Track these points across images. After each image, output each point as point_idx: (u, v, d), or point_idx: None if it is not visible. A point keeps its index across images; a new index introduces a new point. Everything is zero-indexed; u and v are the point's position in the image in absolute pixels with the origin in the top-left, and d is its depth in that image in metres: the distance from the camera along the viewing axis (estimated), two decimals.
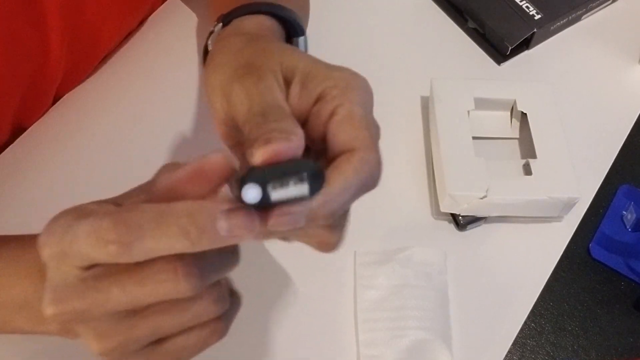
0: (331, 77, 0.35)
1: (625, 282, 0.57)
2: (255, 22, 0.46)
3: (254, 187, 0.28)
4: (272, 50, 0.39)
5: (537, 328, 0.54)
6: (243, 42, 0.41)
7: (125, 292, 0.29)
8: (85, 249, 0.29)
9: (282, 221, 0.29)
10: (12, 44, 0.50)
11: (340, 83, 0.35)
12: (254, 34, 0.44)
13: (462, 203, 0.55)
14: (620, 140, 0.64)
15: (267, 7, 0.46)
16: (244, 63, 0.38)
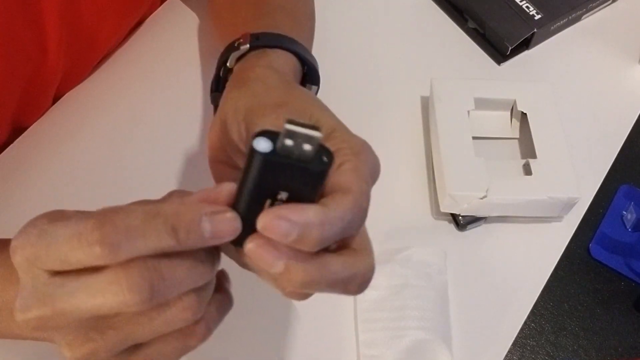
0: (349, 140, 0.36)
1: (625, 282, 0.57)
2: (286, 61, 0.47)
3: (264, 139, 0.28)
4: (306, 99, 0.40)
5: (537, 328, 0.54)
6: (277, 80, 0.43)
7: (78, 303, 0.29)
8: (65, 251, 0.28)
9: (274, 225, 0.29)
10: (10, 45, 0.50)
11: (355, 147, 0.35)
12: (285, 73, 0.45)
13: (462, 203, 0.55)
14: (620, 140, 0.64)
15: (297, 48, 0.48)
16: (279, 102, 0.39)
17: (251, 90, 0.41)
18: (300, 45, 0.49)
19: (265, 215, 0.29)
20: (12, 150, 0.59)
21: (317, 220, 0.30)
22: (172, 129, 0.61)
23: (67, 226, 0.29)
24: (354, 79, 0.66)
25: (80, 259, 0.28)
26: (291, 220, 0.29)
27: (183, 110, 0.62)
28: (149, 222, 0.28)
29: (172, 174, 0.58)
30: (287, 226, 0.29)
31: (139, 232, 0.28)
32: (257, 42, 0.47)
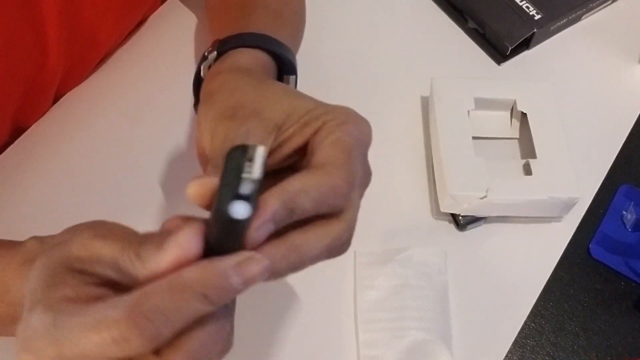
0: (331, 112, 0.36)
1: (625, 282, 0.57)
2: (251, 58, 0.47)
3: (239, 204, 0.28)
4: (270, 93, 0.40)
5: (537, 328, 0.54)
6: (239, 80, 0.43)
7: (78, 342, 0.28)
8: (93, 351, 0.27)
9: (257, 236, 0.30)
10: (10, 45, 0.50)
11: (339, 117, 0.36)
12: (250, 70, 0.45)
13: (462, 203, 0.55)
14: (620, 140, 0.64)
15: (263, 42, 0.48)
16: (234, 104, 0.39)
17: (212, 99, 0.41)
18: (268, 39, 0.48)
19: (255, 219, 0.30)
20: (12, 151, 0.59)
21: (279, 201, 0.31)
22: (172, 129, 0.61)
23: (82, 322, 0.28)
24: (354, 79, 0.66)
25: (116, 355, 0.28)
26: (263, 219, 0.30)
27: (183, 110, 0.62)
28: (179, 297, 0.28)
29: (171, 174, 0.58)
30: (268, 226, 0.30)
31: (173, 312, 0.28)
32: (223, 47, 0.47)
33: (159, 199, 0.57)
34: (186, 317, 0.28)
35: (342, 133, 0.35)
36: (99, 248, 0.31)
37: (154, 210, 0.56)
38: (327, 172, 0.33)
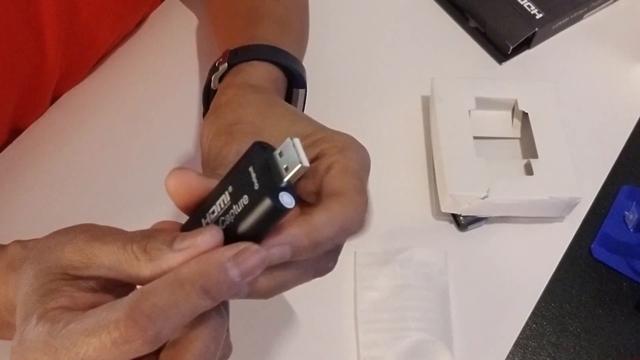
0: (332, 139, 0.36)
1: (627, 283, 0.56)
2: (263, 73, 0.47)
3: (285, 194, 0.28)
4: (272, 114, 0.40)
5: (538, 329, 0.54)
6: (248, 96, 0.43)
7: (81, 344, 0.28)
8: (93, 356, 0.27)
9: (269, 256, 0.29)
10: (8, 45, 0.50)
11: (339, 144, 0.36)
12: (261, 87, 0.46)
13: (463, 203, 0.55)
14: (622, 140, 0.64)
15: (274, 55, 0.48)
16: (235, 120, 0.40)
17: (219, 116, 0.42)
18: (281, 53, 0.49)
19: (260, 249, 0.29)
20: (10, 151, 0.59)
21: (304, 232, 0.30)
22: (171, 129, 0.61)
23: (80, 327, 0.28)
24: (354, 79, 0.66)
25: (118, 356, 0.27)
26: (278, 243, 0.30)
27: (182, 111, 0.62)
28: (178, 294, 0.28)
29: None
30: (280, 250, 0.30)
31: (173, 309, 0.27)
32: (235, 59, 0.48)
33: (158, 199, 0.56)
34: (187, 313, 0.28)
35: (348, 160, 0.35)
36: (97, 249, 0.30)
37: (152, 211, 0.56)
38: (349, 199, 0.33)
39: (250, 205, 0.28)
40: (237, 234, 0.29)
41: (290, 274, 0.32)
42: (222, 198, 0.29)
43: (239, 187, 0.29)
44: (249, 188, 0.28)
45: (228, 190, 0.29)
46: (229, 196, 0.29)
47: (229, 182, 0.29)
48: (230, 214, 0.29)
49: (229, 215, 0.29)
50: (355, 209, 0.32)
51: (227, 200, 0.29)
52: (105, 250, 0.30)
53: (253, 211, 0.28)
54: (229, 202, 0.29)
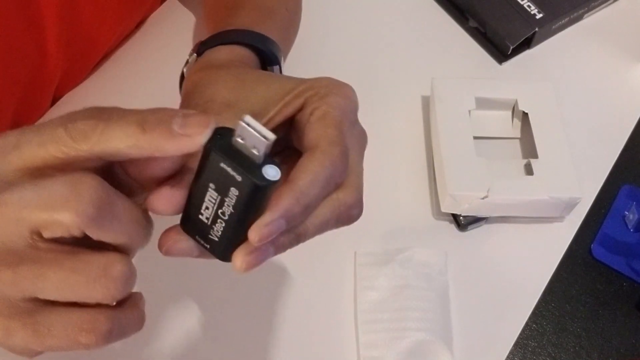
0: (313, 86, 0.36)
1: (627, 283, 0.56)
2: (227, 53, 0.46)
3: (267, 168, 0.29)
4: (247, 82, 0.39)
5: (538, 329, 0.54)
6: (212, 76, 0.42)
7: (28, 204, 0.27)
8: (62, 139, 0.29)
9: (266, 232, 0.29)
10: (9, 45, 0.50)
11: (321, 90, 0.35)
12: (225, 65, 0.45)
13: (463, 203, 0.55)
14: (622, 140, 0.64)
15: (241, 37, 0.47)
16: (205, 100, 0.39)
17: (189, 102, 0.41)
18: (251, 34, 0.48)
19: (254, 230, 0.29)
20: None
21: (293, 200, 0.30)
22: None
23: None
24: (354, 79, 0.65)
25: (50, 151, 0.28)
26: (274, 218, 0.29)
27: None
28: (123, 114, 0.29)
29: None
30: (276, 224, 0.30)
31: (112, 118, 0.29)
32: (203, 48, 0.47)
33: None
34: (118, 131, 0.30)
35: (328, 106, 0.34)
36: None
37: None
38: (324, 152, 0.32)
39: (241, 195, 0.29)
40: (244, 220, 0.30)
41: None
42: (208, 195, 0.30)
43: (221, 183, 0.29)
44: (232, 181, 0.29)
45: (211, 187, 0.29)
46: (215, 192, 0.29)
47: (208, 180, 0.30)
48: (227, 206, 0.30)
49: (225, 207, 0.30)
50: (334, 159, 0.32)
51: (215, 195, 0.30)
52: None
53: (246, 199, 0.29)
54: (218, 197, 0.29)
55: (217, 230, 0.31)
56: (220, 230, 0.30)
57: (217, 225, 0.30)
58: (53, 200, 0.27)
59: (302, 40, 0.60)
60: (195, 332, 0.52)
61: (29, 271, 0.27)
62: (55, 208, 0.27)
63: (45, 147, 0.29)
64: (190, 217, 0.31)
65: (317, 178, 0.32)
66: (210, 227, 0.30)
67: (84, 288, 0.28)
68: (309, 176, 0.31)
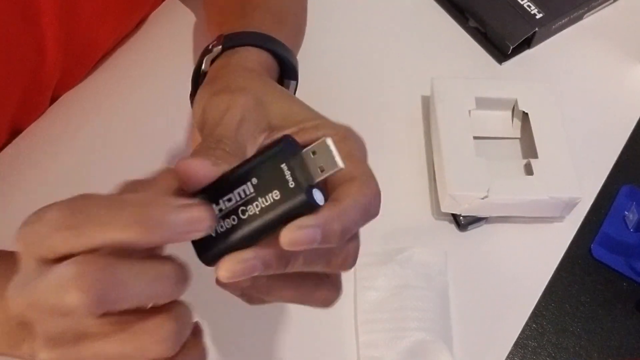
0: (332, 127, 0.36)
1: (627, 283, 0.56)
2: (257, 58, 0.47)
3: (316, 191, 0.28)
4: (271, 92, 0.40)
5: (538, 329, 0.54)
6: (245, 74, 0.43)
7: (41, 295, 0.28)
8: (45, 236, 0.28)
9: (299, 236, 0.28)
10: (8, 45, 0.50)
11: (340, 132, 0.36)
12: (256, 71, 0.45)
13: (463, 203, 0.55)
14: (622, 140, 0.64)
15: (268, 43, 0.48)
16: (237, 85, 0.40)
17: (216, 82, 0.41)
18: (275, 42, 0.48)
19: (288, 231, 0.29)
20: (9, 151, 0.58)
21: (335, 215, 0.30)
22: (170, 130, 0.61)
23: (47, 211, 0.28)
24: (354, 79, 0.66)
25: (52, 245, 0.28)
26: (310, 225, 0.29)
27: (181, 111, 0.62)
28: (116, 212, 0.27)
29: None
30: (311, 232, 0.29)
31: (103, 221, 0.27)
32: (229, 43, 0.47)
33: None
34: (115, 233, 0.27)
35: (350, 148, 0.35)
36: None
37: None
38: (364, 183, 0.33)
39: (282, 200, 0.28)
40: (262, 228, 0.29)
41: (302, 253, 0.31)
42: (242, 188, 0.29)
43: (268, 182, 0.29)
44: (282, 184, 0.28)
45: (251, 182, 0.29)
46: (252, 187, 0.29)
47: (253, 173, 0.29)
48: (255, 205, 0.29)
49: (251, 206, 0.29)
50: (373, 192, 0.33)
51: (249, 191, 0.29)
52: None
53: (284, 206, 0.29)
54: (252, 194, 0.29)
55: (222, 227, 0.29)
56: (226, 227, 0.29)
57: (227, 221, 0.29)
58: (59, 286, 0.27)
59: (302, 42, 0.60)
60: None
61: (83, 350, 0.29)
62: (60, 293, 0.27)
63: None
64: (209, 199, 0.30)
65: (359, 203, 0.31)
66: (219, 220, 0.29)
67: (139, 356, 0.29)
68: (352, 200, 0.31)
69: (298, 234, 0.29)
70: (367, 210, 0.32)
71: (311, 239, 0.29)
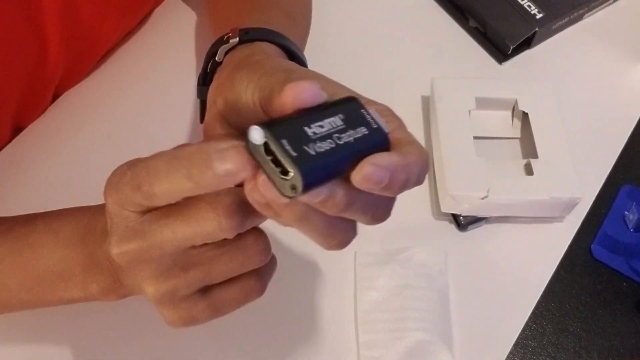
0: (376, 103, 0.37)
1: (627, 283, 0.56)
2: (276, 53, 0.47)
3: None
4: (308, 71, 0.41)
5: (538, 329, 0.54)
6: (271, 56, 0.45)
7: (174, 232, 0.32)
8: (130, 196, 0.32)
9: (372, 172, 0.30)
10: (10, 43, 0.50)
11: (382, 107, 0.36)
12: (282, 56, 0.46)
13: (463, 203, 0.55)
14: (622, 140, 0.64)
15: (287, 43, 0.48)
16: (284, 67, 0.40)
17: (256, 64, 0.41)
18: (290, 41, 0.48)
19: (363, 165, 0.30)
20: (11, 149, 0.59)
21: (403, 164, 0.31)
22: (172, 127, 0.61)
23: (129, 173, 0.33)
24: (354, 78, 0.65)
25: (139, 200, 0.32)
26: (382, 165, 0.30)
27: (183, 109, 0.62)
28: (170, 165, 0.31)
29: None
30: (382, 173, 0.30)
31: (162, 174, 0.31)
32: (247, 36, 0.47)
33: None
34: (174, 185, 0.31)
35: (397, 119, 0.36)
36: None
37: None
38: (419, 146, 0.34)
39: (369, 136, 0.31)
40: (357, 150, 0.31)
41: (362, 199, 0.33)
42: (332, 119, 0.31)
43: (354, 120, 0.31)
44: (367, 124, 0.31)
45: (339, 116, 0.31)
46: (340, 121, 0.31)
47: (339, 111, 0.31)
48: (347, 135, 0.30)
49: (345, 135, 0.30)
50: (426, 156, 0.34)
51: (338, 123, 0.31)
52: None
53: (372, 139, 0.31)
54: (342, 126, 0.31)
55: (321, 147, 0.30)
56: (327, 148, 0.30)
57: (325, 143, 0.30)
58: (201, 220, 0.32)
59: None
60: (195, 331, 0.51)
61: (197, 273, 0.34)
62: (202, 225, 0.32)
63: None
64: (292, 124, 0.30)
65: (420, 162, 0.33)
66: (313, 141, 0.30)
67: (243, 267, 0.35)
68: (415, 157, 0.33)
69: (372, 170, 0.30)
70: (422, 171, 0.33)
71: (380, 179, 0.30)
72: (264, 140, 0.28)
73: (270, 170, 0.29)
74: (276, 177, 0.29)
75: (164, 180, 0.31)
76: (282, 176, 0.28)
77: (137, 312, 0.50)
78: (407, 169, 0.31)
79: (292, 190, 0.28)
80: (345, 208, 0.31)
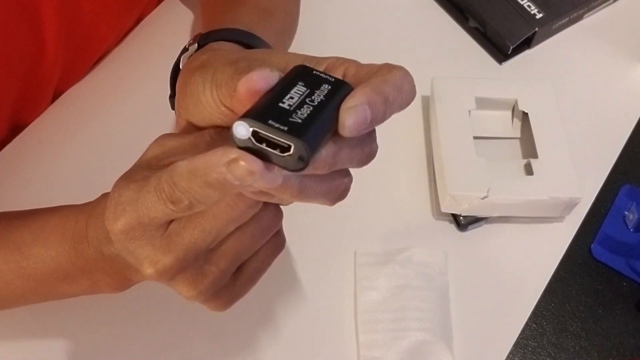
0: (328, 58, 0.37)
1: (627, 283, 0.56)
2: (231, 50, 0.46)
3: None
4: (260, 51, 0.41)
5: (538, 329, 0.54)
6: (228, 50, 0.44)
7: (204, 231, 0.33)
8: (157, 212, 0.32)
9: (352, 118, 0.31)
10: (8, 40, 0.50)
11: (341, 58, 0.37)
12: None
13: (463, 203, 0.55)
14: (622, 140, 0.64)
15: (245, 38, 0.48)
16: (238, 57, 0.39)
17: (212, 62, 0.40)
18: (254, 38, 0.48)
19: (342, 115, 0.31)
20: (11, 148, 0.59)
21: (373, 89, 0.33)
22: (170, 126, 0.61)
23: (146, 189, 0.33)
24: None
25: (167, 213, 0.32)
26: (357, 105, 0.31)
27: None
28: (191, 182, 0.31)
29: None
30: (361, 111, 0.31)
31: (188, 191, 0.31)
32: (205, 40, 0.47)
33: None
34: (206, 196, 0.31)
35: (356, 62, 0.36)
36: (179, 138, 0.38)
37: None
38: (387, 67, 0.35)
39: (333, 88, 0.32)
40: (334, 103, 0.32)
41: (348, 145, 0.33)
42: (296, 88, 0.32)
43: (313, 83, 0.32)
44: (326, 80, 0.33)
45: (300, 84, 0.32)
46: (303, 87, 0.32)
47: (297, 80, 0.32)
48: (317, 95, 0.32)
49: (315, 96, 0.31)
50: (399, 69, 0.35)
51: (303, 89, 0.32)
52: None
53: (336, 91, 0.32)
54: (307, 90, 0.32)
55: (303, 113, 0.31)
56: (308, 112, 0.31)
57: (304, 109, 0.31)
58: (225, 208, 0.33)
59: (300, 39, 0.60)
60: (195, 331, 0.52)
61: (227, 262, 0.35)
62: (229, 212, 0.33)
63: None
64: (267, 105, 0.31)
65: (387, 78, 0.34)
66: (294, 112, 0.30)
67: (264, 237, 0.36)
68: (380, 77, 0.34)
69: (351, 114, 0.31)
70: (398, 85, 0.35)
71: (363, 117, 0.31)
72: (252, 130, 0.29)
73: (269, 155, 0.29)
74: (278, 158, 0.29)
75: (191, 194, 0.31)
76: (284, 154, 0.29)
77: (137, 311, 0.50)
78: (379, 91, 0.33)
79: (300, 161, 0.29)
80: (334, 161, 0.32)
